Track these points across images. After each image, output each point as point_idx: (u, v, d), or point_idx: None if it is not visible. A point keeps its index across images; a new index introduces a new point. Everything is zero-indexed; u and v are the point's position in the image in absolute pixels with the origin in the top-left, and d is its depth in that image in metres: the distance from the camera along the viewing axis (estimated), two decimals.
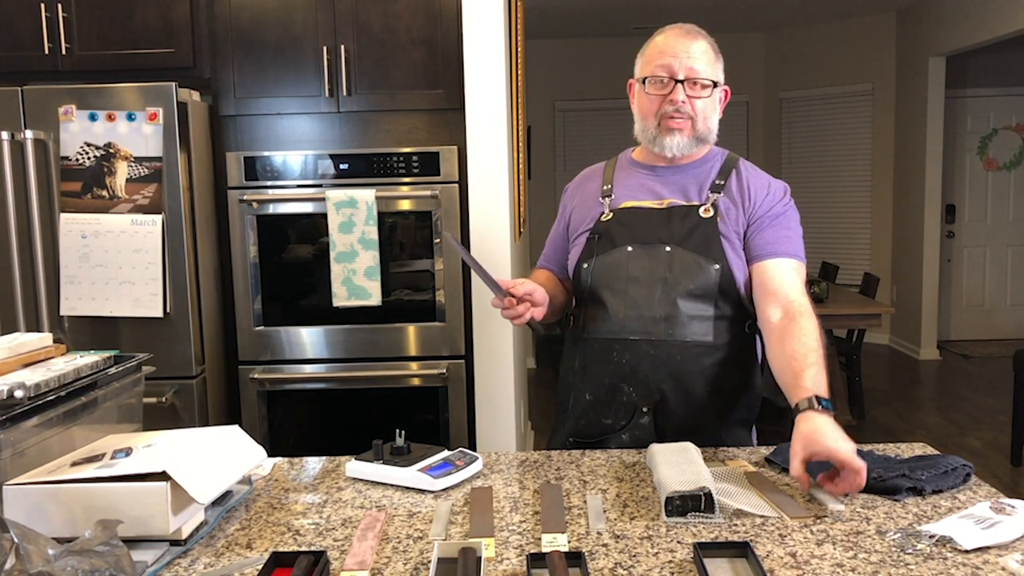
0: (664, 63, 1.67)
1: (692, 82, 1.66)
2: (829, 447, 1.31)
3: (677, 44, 1.67)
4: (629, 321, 1.66)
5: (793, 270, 1.66)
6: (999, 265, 7.05)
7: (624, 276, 1.68)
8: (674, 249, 1.66)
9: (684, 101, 1.66)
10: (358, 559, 1.18)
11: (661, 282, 1.65)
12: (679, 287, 1.65)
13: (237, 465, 1.40)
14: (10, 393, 1.29)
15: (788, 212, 1.73)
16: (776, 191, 1.73)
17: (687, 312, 1.64)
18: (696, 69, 1.65)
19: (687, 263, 1.65)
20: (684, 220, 1.68)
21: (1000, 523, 1.21)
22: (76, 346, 2.49)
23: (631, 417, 1.68)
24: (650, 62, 1.70)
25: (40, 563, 0.97)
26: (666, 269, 1.65)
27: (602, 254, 1.70)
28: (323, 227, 2.95)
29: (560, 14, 6.57)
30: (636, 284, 1.67)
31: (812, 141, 7.44)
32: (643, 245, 1.68)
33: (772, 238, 1.68)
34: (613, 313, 1.68)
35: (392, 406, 3.05)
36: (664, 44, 1.69)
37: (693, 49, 1.67)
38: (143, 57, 2.97)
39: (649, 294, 1.66)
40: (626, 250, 1.68)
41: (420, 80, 2.97)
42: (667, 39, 1.70)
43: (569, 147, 7.70)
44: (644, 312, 1.66)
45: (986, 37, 5.59)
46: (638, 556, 1.18)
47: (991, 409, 5.19)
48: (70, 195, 2.76)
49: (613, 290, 1.68)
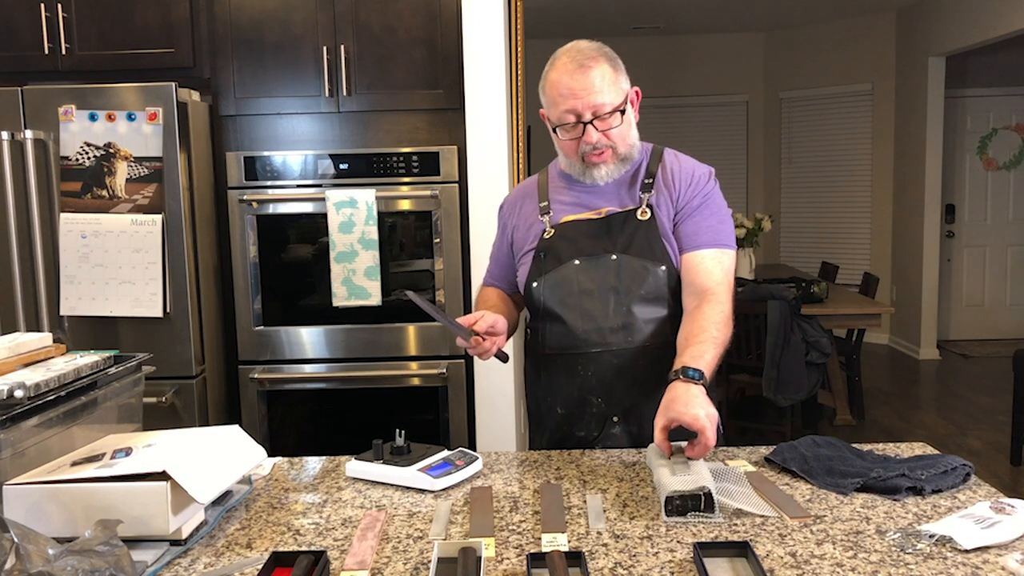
0: (568, 107, 1.62)
1: (601, 118, 1.62)
2: (680, 412, 1.39)
3: (575, 83, 1.60)
4: (588, 334, 1.68)
5: (712, 259, 1.67)
6: (999, 265, 7.05)
7: (576, 290, 1.69)
8: (619, 257, 1.67)
9: (599, 138, 1.64)
10: (358, 559, 1.18)
11: (613, 292, 1.67)
12: (631, 294, 1.66)
13: (237, 465, 1.40)
14: (10, 393, 1.29)
15: (710, 198, 1.71)
16: (699, 177, 1.72)
17: (642, 317, 1.66)
18: (600, 103, 1.61)
19: (634, 269, 1.67)
20: (624, 226, 1.69)
21: (1000, 523, 1.21)
22: (76, 346, 2.49)
23: (602, 427, 1.70)
24: (554, 104, 1.64)
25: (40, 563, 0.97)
26: (615, 278, 1.67)
27: (550, 271, 1.71)
28: (323, 227, 2.95)
29: (560, 14, 6.57)
30: (589, 297, 1.68)
31: (812, 141, 7.44)
32: (588, 257, 1.69)
33: (693, 229, 1.68)
34: (572, 328, 1.69)
35: (392, 406, 3.05)
36: (562, 84, 1.62)
37: (591, 81, 1.60)
38: (143, 57, 2.97)
39: (603, 305, 1.67)
40: (573, 264, 1.69)
41: (420, 80, 2.97)
42: (563, 77, 1.61)
43: None
44: (601, 324, 1.67)
45: (986, 37, 5.59)
46: (638, 556, 1.18)
47: (991, 409, 5.19)
48: (70, 195, 2.76)
49: (567, 305, 1.69)
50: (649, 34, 7.41)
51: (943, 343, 6.83)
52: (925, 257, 6.46)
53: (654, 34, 7.41)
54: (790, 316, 3.90)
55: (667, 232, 1.68)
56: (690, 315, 1.61)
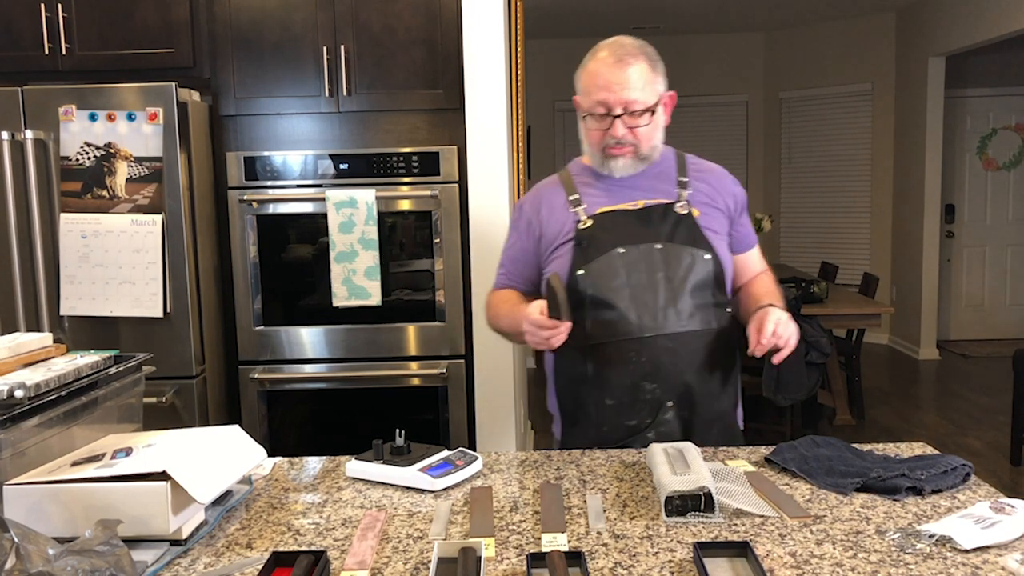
0: (600, 99, 1.67)
1: (630, 113, 1.67)
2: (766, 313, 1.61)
3: (610, 75, 1.65)
4: (641, 319, 1.67)
5: (757, 254, 1.91)
6: (999, 265, 7.05)
7: (623, 277, 1.68)
8: (665, 245, 1.69)
9: (625, 134, 1.69)
10: (358, 559, 1.18)
11: (663, 278, 1.68)
12: (680, 280, 1.68)
13: (237, 465, 1.40)
14: (10, 393, 1.29)
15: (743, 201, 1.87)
16: (734, 181, 1.85)
17: (693, 302, 1.69)
18: (632, 99, 1.65)
19: (682, 256, 1.69)
20: (663, 218, 1.72)
21: (1000, 523, 1.21)
22: (76, 346, 2.49)
23: (656, 414, 1.69)
24: (588, 93, 1.70)
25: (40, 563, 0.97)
26: (663, 265, 1.68)
27: (594, 259, 1.70)
28: (323, 227, 2.95)
29: (560, 14, 6.57)
30: (638, 283, 1.68)
31: (812, 141, 7.43)
32: (632, 245, 1.70)
33: (743, 233, 1.85)
34: (623, 314, 1.68)
35: (392, 406, 3.05)
36: (598, 75, 1.67)
37: (628, 78, 1.65)
38: (143, 57, 2.97)
39: (653, 291, 1.68)
40: (617, 252, 1.69)
41: (420, 80, 2.97)
42: (600, 68, 1.67)
43: (569, 147, 7.69)
44: (654, 308, 1.68)
45: (986, 37, 5.59)
46: (638, 556, 1.18)
47: (991, 409, 5.19)
48: (70, 195, 2.76)
49: (616, 292, 1.68)
50: (649, 34, 7.40)
51: (943, 343, 6.83)
52: (925, 257, 6.46)
53: (654, 34, 7.41)
54: None
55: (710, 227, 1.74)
56: (756, 279, 1.85)
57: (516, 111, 3.60)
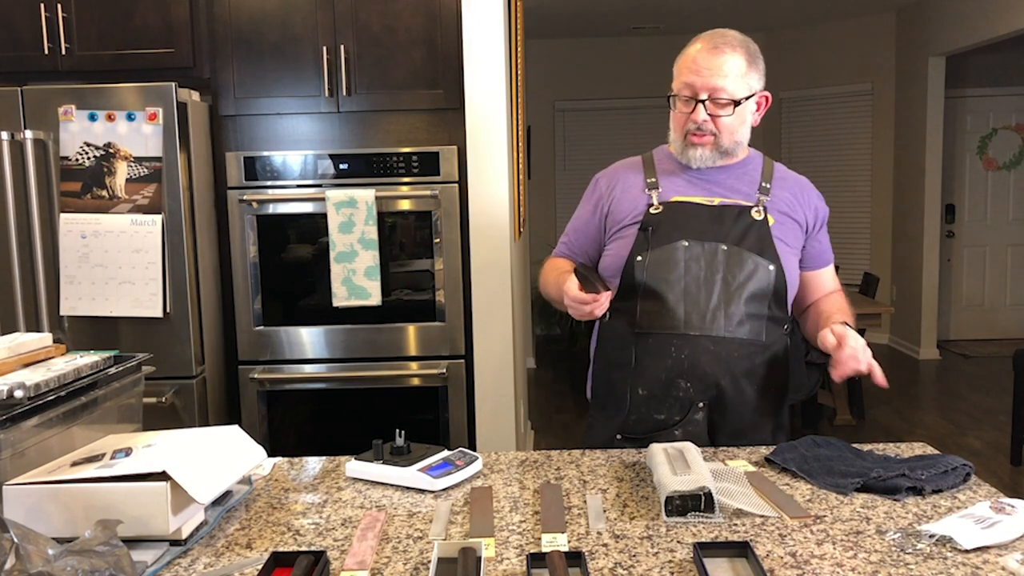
0: (688, 81, 1.67)
1: (714, 101, 1.67)
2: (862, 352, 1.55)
3: (703, 60, 1.66)
4: (689, 316, 1.66)
5: (831, 273, 1.87)
6: (999, 265, 7.05)
7: (681, 271, 1.67)
8: (731, 248, 1.67)
9: (706, 120, 1.68)
10: (358, 559, 1.18)
11: (721, 280, 1.66)
12: (738, 285, 1.66)
13: (237, 465, 1.40)
14: (10, 393, 1.29)
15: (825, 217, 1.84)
16: (819, 196, 1.82)
17: (745, 311, 1.66)
18: (719, 87, 1.65)
19: (745, 262, 1.67)
20: (737, 220, 1.69)
21: (1000, 523, 1.21)
22: (76, 346, 2.49)
23: (686, 412, 1.68)
24: (679, 75, 1.71)
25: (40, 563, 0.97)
26: (724, 267, 1.66)
27: (656, 248, 1.68)
28: (323, 227, 2.95)
29: (560, 14, 6.57)
30: (695, 280, 1.66)
31: (812, 141, 7.43)
32: (698, 241, 1.68)
33: (820, 250, 1.82)
34: (672, 308, 1.67)
35: (392, 406, 3.05)
36: (692, 60, 1.68)
37: (720, 65, 1.65)
38: (143, 57, 2.97)
39: (708, 291, 1.66)
40: (682, 244, 1.68)
41: (420, 80, 2.97)
42: (696, 54, 1.68)
43: (569, 147, 7.69)
44: (704, 308, 1.66)
45: (986, 37, 5.59)
46: (638, 556, 1.18)
47: (991, 409, 5.19)
48: (70, 195, 2.76)
49: (671, 285, 1.67)
50: (649, 34, 7.41)
51: (943, 343, 6.83)
52: (925, 257, 6.46)
53: (654, 34, 7.41)
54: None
55: (783, 238, 1.71)
56: (829, 296, 1.80)
57: (516, 111, 3.60)
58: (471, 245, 2.94)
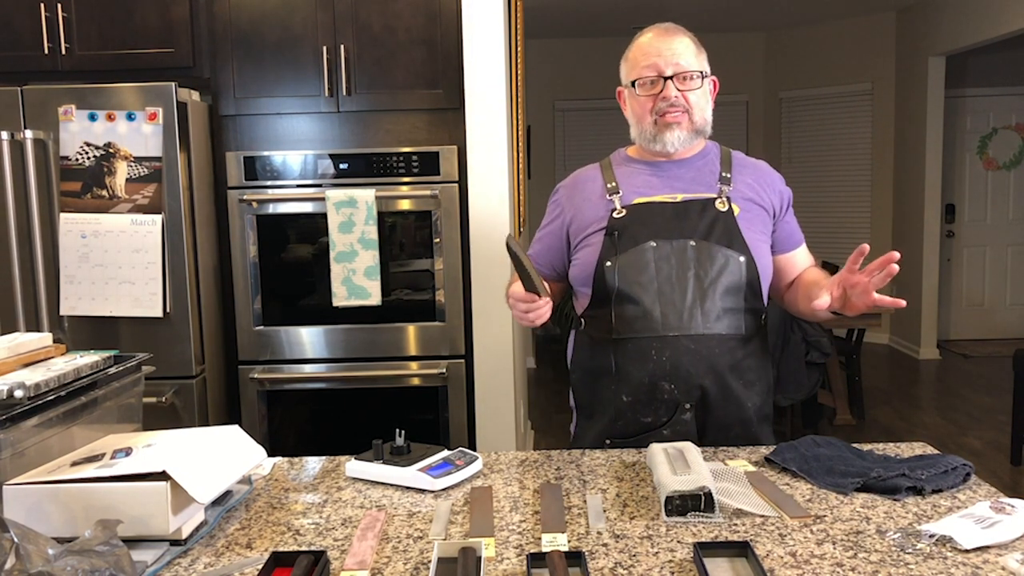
0: (650, 63, 1.70)
1: (681, 77, 1.69)
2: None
3: (659, 44, 1.71)
4: (665, 318, 1.64)
5: (804, 252, 1.84)
6: (999, 265, 7.04)
7: (652, 272, 1.65)
8: (699, 243, 1.65)
9: (677, 96, 1.69)
10: (358, 559, 1.18)
11: (693, 276, 1.65)
12: (711, 281, 1.65)
13: (237, 465, 1.40)
14: (10, 393, 1.29)
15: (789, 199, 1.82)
16: (781, 179, 1.82)
17: (722, 305, 1.65)
18: (682, 64, 1.69)
19: (715, 256, 1.65)
20: (702, 214, 1.68)
21: (1000, 522, 1.21)
22: (76, 346, 2.49)
23: (672, 413, 1.67)
24: (636, 65, 1.73)
25: (40, 563, 0.97)
26: (695, 263, 1.65)
27: (624, 252, 1.67)
28: (323, 227, 2.95)
29: (560, 14, 6.57)
30: (667, 280, 1.65)
31: (812, 141, 7.43)
32: (666, 240, 1.66)
33: (792, 228, 1.80)
34: (648, 311, 1.65)
35: (392, 406, 3.05)
36: (647, 45, 1.72)
37: (675, 46, 1.70)
38: (143, 57, 2.97)
39: (682, 289, 1.65)
40: (650, 245, 1.66)
41: (420, 80, 2.97)
42: (648, 40, 1.73)
43: (569, 147, 7.70)
44: (680, 307, 1.64)
45: (986, 37, 5.59)
46: (638, 556, 1.18)
47: (991, 409, 5.19)
48: (70, 195, 2.76)
49: (644, 287, 1.65)
50: None
51: (943, 343, 6.83)
52: (925, 257, 6.46)
53: None
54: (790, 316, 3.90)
55: (750, 227, 1.70)
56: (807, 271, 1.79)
57: (516, 111, 3.60)
58: (471, 245, 2.94)
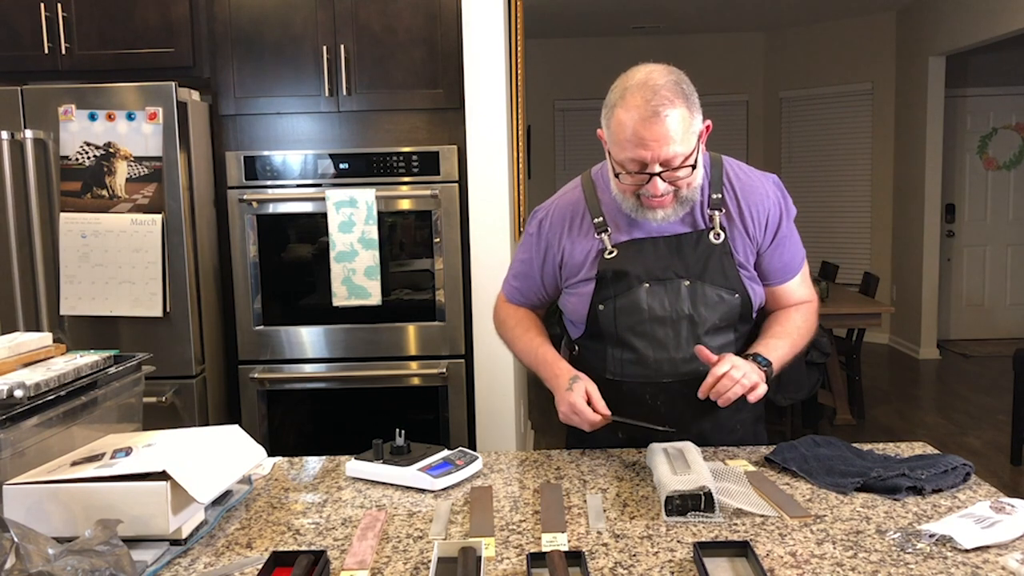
0: (634, 156, 1.48)
1: (668, 167, 1.49)
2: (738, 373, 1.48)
3: (646, 131, 1.45)
4: (660, 364, 1.61)
5: (799, 281, 1.74)
6: (999, 265, 7.05)
7: (646, 317, 1.61)
8: (693, 283, 1.60)
9: (666, 187, 1.51)
10: (358, 558, 1.18)
11: (686, 320, 1.60)
12: (704, 324, 1.61)
13: (237, 465, 1.40)
14: (10, 393, 1.29)
15: (789, 218, 1.68)
16: (775, 201, 1.66)
17: (714, 344, 1.60)
18: (671, 154, 1.47)
19: (709, 298, 1.60)
20: (696, 249, 1.60)
21: (1000, 522, 1.21)
22: (76, 346, 2.49)
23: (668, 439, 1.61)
24: (620, 147, 1.49)
25: (40, 563, 0.97)
26: (689, 306, 1.60)
27: (619, 295, 1.62)
28: (323, 227, 2.95)
29: (560, 14, 6.57)
30: (660, 324, 1.61)
31: (812, 141, 7.43)
32: (659, 281, 1.60)
33: (787, 260, 1.69)
34: (643, 357, 1.62)
35: (392, 406, 3.05)
36: (630, 129, 1.46)
37: (666, 131, 1.45)
38: (143, 57, 2.97)
39: (675, 334, 1.61)
40: (643, 287, 1.61)
41: (420, 80, 2.97)
42: (633, 121, 1.45)
43: (569, 147, 7.70)
44: (674, 354, 1.61)
45: (986, 36, 5.59)
46: (638, 555, 1.18)
47: (991, 409, 5.19)
48: (70, 195, 2.76)
49: (637, 332, 1.62)
50: (649, 34, 7.41)
51: (943, 343, 6.83)
52: (925, 257, 6.47)
53: (654, 34, 7.41)
54: None
55: (741, 259, 1.62)
56: (782, 312, 1.70)
57: (516, 111, 3.60)
58: (471, 245, 2.94)
